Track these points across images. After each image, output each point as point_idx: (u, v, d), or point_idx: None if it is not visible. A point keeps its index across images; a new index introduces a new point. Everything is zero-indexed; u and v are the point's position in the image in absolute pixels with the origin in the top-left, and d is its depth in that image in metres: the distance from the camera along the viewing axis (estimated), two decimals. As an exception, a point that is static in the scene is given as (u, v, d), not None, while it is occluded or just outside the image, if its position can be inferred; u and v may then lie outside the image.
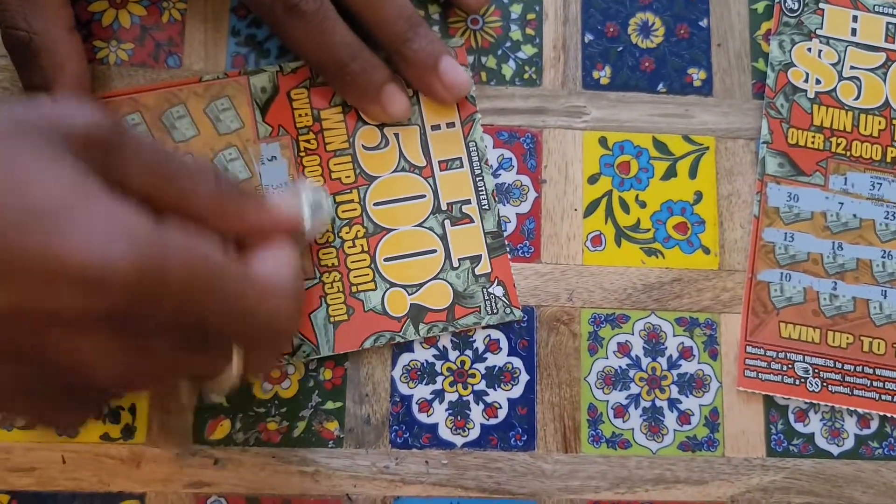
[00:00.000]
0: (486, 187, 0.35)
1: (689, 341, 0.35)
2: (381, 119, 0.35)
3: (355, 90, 0.34)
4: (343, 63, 0.33)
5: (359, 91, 0.34)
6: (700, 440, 0.35)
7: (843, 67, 0.37)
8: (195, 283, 0.23)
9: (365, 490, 0.33)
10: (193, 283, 0.23)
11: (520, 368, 0.35)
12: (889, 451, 0.35)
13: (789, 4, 0.38)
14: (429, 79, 0.35)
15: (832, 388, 0.35)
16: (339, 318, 0.34)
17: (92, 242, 0.21)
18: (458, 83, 0.35)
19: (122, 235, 0.22)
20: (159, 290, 0.22)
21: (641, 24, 0.38)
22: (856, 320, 0.36)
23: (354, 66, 0.33)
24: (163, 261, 0.22)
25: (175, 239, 0.23)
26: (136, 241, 0.22)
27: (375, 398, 0.34)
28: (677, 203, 0.36)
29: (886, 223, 0.36)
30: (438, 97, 0.35)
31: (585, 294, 0.35)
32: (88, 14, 0.36)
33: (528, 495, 0.34)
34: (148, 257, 0.22)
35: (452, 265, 0.35)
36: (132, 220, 0.23)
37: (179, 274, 0.23)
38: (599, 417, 0.34)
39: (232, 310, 0.25)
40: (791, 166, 0.36)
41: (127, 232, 0.22)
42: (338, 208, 0.35)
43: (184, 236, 0.24)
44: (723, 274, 0.36)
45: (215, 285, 0.24)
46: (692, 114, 0.37)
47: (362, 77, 0.34)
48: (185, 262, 0.23)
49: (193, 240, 0.24)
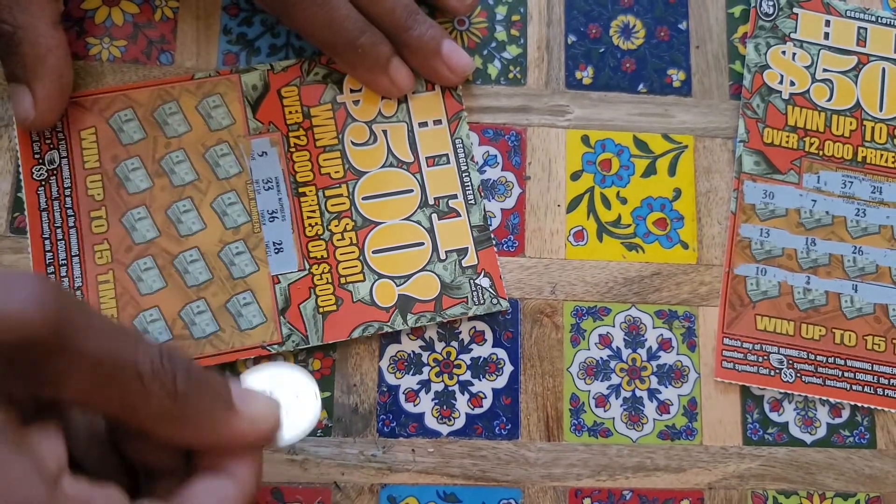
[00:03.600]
0: (472, 182, 0.36)
1: (668, 333, 0.36)
2: (389, 91, 0.36)
3: (365, 63, 0.35)
4: (353, 38, 0.34)
5: (369, 64, 0.35)
6: (679, 429, 0.36)
7: (816, 70, 0.39)
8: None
9: (353, 478, 0.34)
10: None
11: (504, 359, 0.36)
12: (860, 439, 0.36)
13: (765, 9, 0.39)
14: (433, 63, 0.36)
15: (806, 378, 0.36)
16: (327, 308, 0.35)
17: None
18: (461, 64, 0.36)
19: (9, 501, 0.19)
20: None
21: (623, 26, 0.39)
22: (828, 313, 0.37)
23: (364, 39, 0.34)
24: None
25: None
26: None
27: (363, 388, 0.35)
28: (657, 199, 0.37)
29: (857, 220, 0.38)
30: (444, 79, 0.36)
31: (568, 287, 0.36)
32: (81, 11, 0.37)
33: (512, 482, 0.34)
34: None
35: (440, 257, 0.35)
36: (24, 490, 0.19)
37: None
38: (581, 407, 0.35)
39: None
40: (766, 165, 0.38)
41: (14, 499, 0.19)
42: (327, 202, 0.36)
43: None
44: (701, 268, 0.37)
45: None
46: (672, 113, 0.38)
47: (372, 50, 0.34)
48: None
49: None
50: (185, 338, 0.34)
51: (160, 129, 0.36)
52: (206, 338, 0.34)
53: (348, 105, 0.37)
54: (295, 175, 0.36)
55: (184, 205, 0.35)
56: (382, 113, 0.37)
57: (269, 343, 0.34)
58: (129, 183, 0.35)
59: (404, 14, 0.35)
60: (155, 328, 0.34)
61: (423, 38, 0.35)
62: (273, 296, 0.35)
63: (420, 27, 0.35)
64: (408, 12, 0.35)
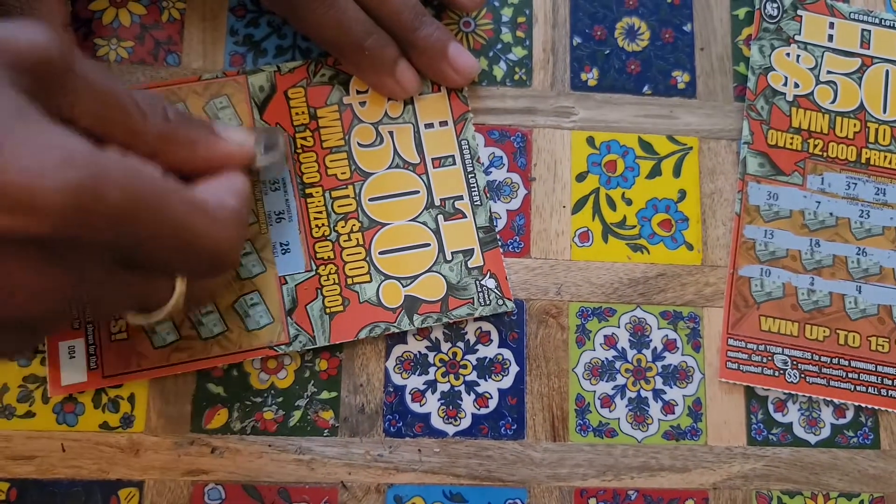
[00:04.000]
0: (477, 184, 0.36)
1: (673, 334, 0.37)
2: (395, 93, 0.36)
3: (372, 65, 0.35)
4: (360, 40, 0.34)
5: (376, 66, 0.35)
6: (683, 429, 0.36)
7: (820, 72, 0.39)
8: (133, 206, 0.23)
9: (359, 478, 0.34)
10: (131, 206, 0.23)
11: (510, 360, 0.36)
12: (863, 439, 0.36)
13: (769, 11, 0.39)
14: (440, 65, 0.36)
15: (810, 379, 0.36)
16: (334, 309, 0.35)
17: (23, 163, 0.21)
18: (467, 67, 0.36)
19: (57, 157, 0.21)
20: (95, 212, 0.22)
21: (628, 28, 0.39)
22: (832, 314, 0.37)
23: (371, 41, 0.34)
24: (99, 182, 0.22)
25: (114, 162, 0.23)
26: (72, 163, 0.21)
27: (370, 388, 0.35)
28: (662, 201, 0.38)
29: (861, 221, 0.38)
30: (450, 81, 0.36)
31: (573, 288, 0.36)
32: (89, 12, 0.37)
33: (517, 482, 0.35)
34: (83, 179, 0.21)
35: (446, 258, 0.36)
36: (69, 144, 0.22)
37: (117, 197, 0.22)
38: (587, 407, 0.36)
39: (172, 234, 0.25)
40: (771, 166, 0.38)
41: (62, 154, 0.21)
42: (334, 203, 0.36)
43: (123, 160, 0.23)
44: (705, 269, 0.37)
45: (154, 208, 0.24)
46: (676, 115, 0.38)
47: (379, 52, 0.35)
48: (123, 184, 0.23)
49: (133, 162, 0.24)
50: (193, 338, 0.34)
51: (167, 130, 0.36)
52: (213, 338, 0.34)
53: (354, 106, 0.37)
54: (302, 176, 0.36)
55: (191, 205, 0.35)
56: (388, 114, 0.37)
57: (277, 343, 0.34)
58: (137, 184, 0.35)
59: (411, 15, 0.35)
60: (162, 328, 0.34)
61: (430, 39, 0.35)
62: (280, 296, 0.35)
63: (427, 29, 0.35)
64: (414, 14, 0.35)
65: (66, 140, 0.22)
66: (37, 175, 0.21)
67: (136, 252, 0.24)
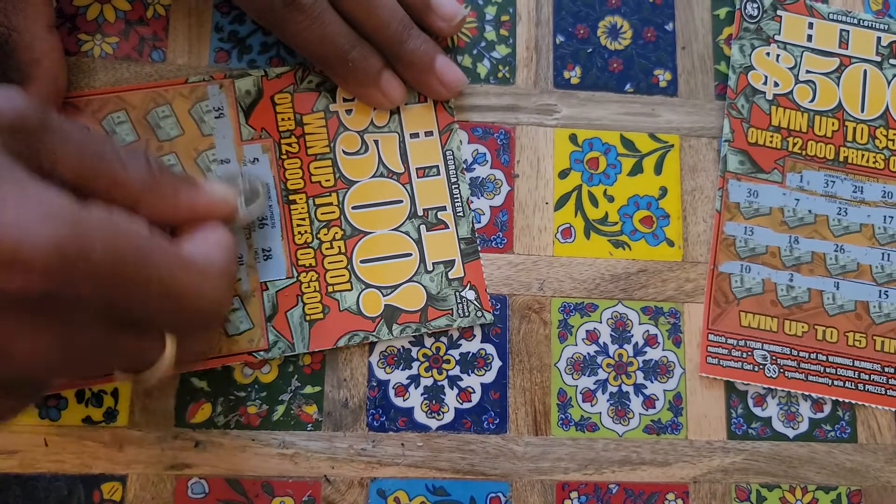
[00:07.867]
0: (461, 195, 0.37)
1: (654, 329, 0.37)
2: (381, 104, 0.36)
3: (356, 77, 0.35)
4: (344, 52, 0.34)
5: (360, 77, 0.35)
6: (664, 424, 0.36)
7: (799, 71, 0.39)
8: (120, 263, 0.23)
9: (343, 472, 0.34)
10: (118, 262, 0.23)
11: (492, 355, 0.36)
12: (841, 433, 0.37)
13: (749, 11, 0.40)
14: (426, 78, 0.36)
15: (788, 374, 0.37)
16: (314, 316, 0.35)
17: (6, 219, 0.21)
18: (454, 80, 0.36)
19: (41, 214, 0.21)
20: (81, 269, 0.22)
21: (610, 26, 0.39)
22: (810, 310, 0.38)
23: (355, 53, 0.34)
24: (84, 239, 0.22)
25: (98, 218, 0.23)
26: (56, 219, 0.21)
27: (353, 383, 0.35)
28: (643, 198, 0.38)
29: (839, 219, 0.38)
30: (436, 94, 0.37)
31: (556, 284, 0.37)
32: (73, 8, 0.37)
33: (500, 476, 0.35)
34: (67, 236, 0.21)
35: (427, 269, 0.36)
36: (51, 199, 0.22)
37: (102, 253, 0.22)
38: (569, 402, 0.36)
39: (160, 291, 0.25)
40: (751, 164, 0.38)
41: (46, 211, 0.21)
42: (317, 210, 0.36)
43: (108, 214, 0.23)
44: (686, 265, 0.38)
45: (141, 264, 0.24)
46: (658, 113, 0.39)
47: (363, 64, 0.35)
48: (109, 240, 0.23)
49: (118, 218, 0.24)
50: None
51: (153, 131, 0.36)
52: (197, 333, 0.34)
53: (341, 114, 0.37)
54: (286, 182, 0.36)
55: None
56: (374, 123, 0.37)
57: (256, 350, 0.34)
58: (121, 179, 0.35)
59: (399, 28, 0.35)
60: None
61: (417, 52, 0.35)
62: (261, 302, 0.35)
63: (414, 41, 0.35)
64: (402, 26, 0.35)
65: (49, 195, 0.22)
66: (21, 230, 0.21)
67: (124, 309, 0.24)
